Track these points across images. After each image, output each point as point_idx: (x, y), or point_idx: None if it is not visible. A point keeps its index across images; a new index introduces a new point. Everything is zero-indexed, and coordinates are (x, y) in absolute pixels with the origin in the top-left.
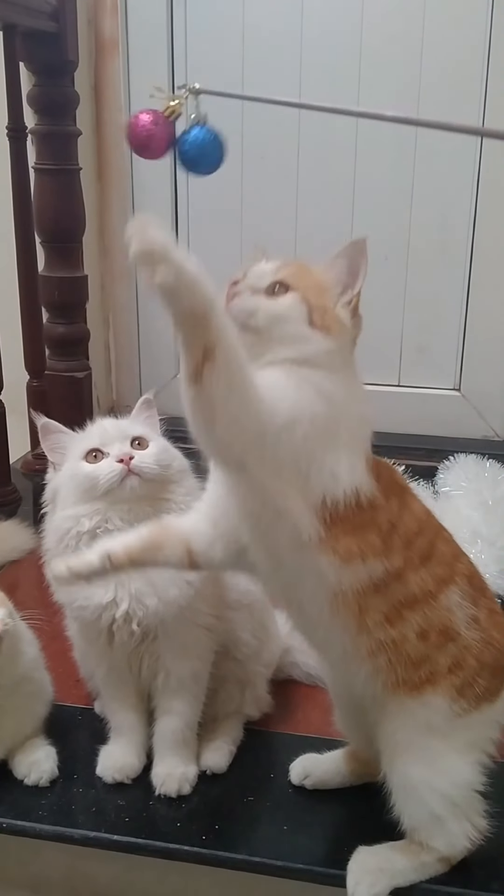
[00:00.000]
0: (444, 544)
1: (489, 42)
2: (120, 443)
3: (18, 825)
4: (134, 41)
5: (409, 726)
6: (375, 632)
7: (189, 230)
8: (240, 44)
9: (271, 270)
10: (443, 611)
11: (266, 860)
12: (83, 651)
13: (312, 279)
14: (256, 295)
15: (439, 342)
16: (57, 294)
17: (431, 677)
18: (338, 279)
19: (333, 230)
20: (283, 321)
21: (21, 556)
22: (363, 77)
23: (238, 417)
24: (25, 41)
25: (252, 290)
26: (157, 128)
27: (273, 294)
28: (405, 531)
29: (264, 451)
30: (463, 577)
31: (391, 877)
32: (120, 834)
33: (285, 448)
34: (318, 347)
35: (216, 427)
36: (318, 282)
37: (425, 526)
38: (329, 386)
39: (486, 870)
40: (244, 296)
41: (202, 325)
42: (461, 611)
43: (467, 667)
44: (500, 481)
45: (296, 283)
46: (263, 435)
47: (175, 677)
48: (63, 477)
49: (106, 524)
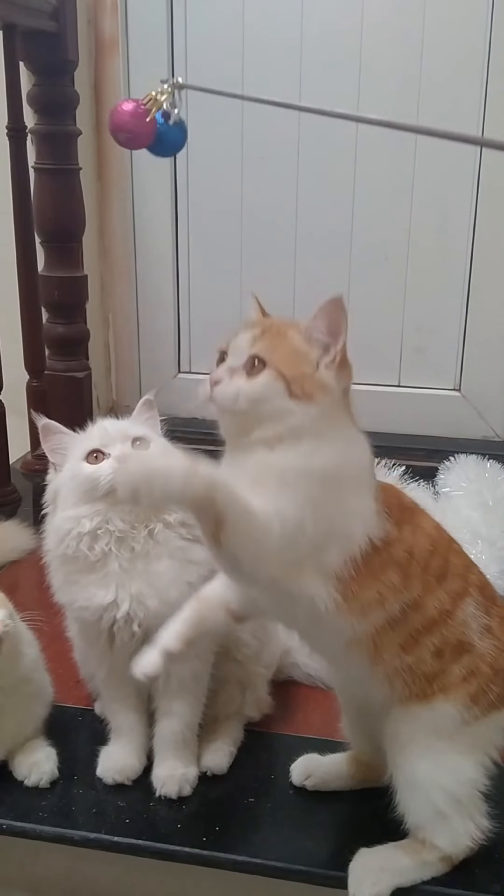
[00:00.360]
0: (456, 556)
1: (489, 43)
2: (121, 443)
3: (18, 826)
4: (134, 41)
5: (416, 728)
6: (391, 661)
7: (189, 230)
8: (240, 43)
9: (247, 344)
10: (458, 626)
11: (266, 862)
12: (83, 652)
13: (288, 347)
14: (236, 375)
15: (439, 342)
16: (57, 294)
17: (444, 687)
18: (317, 340)
19: (333, 230)
20: (264, 400)
21: (21, 557)
22: (363, 79)
23: (257, 553)
24: (25, 41)
25: (231, 371)
26: (135, 118)
27: (252, 371)
28: (421, 554)
29: (284, 558)
30: (475, 588)
31: (393, 875)
32: (120, 835)
33: (301, 545)
34: (302, 417)
35: (242, 567)
36: (294, 348)
37: (438, 542)
38: (320, 461)
39: (487, 871)
40: (224, 381)
41: (207, 505)
42: (475, 621)
43: (481, 674)
44: (500, 482)
45: (270, 356)
46: (281, 549)
47: (175, 678)
48: (64, 478)
49: (107, 525)
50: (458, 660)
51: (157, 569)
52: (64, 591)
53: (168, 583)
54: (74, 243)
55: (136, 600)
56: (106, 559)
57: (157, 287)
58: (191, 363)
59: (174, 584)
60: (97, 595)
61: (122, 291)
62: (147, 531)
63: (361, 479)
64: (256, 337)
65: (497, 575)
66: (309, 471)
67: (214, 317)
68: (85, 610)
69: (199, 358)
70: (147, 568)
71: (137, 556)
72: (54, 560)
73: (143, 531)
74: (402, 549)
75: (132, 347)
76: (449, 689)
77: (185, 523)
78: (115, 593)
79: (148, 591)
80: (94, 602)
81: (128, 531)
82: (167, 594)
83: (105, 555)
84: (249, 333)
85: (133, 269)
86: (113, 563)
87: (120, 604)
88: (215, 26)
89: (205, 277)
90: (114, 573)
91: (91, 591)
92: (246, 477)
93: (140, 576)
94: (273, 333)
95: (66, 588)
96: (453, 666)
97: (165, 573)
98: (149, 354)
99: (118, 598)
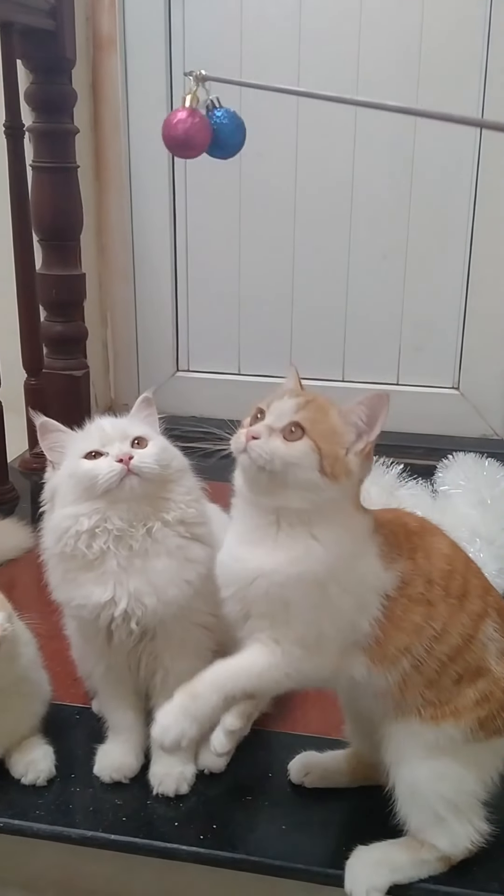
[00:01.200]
0: (475, 577)
1: (488, 31)
2: (120, 442)
3: (15, 824)
4: (132, 38)
5: (420, 743)
6: (412, 700)
7: (187, 227)
8: (237, 41)
9: (291, 409)
10: (478, 650)
11: (264, 860)
12: (81, 650)
13: (328, 423)
14: (273, 435)
15: (438, 340)
16: (55, 292)
17: (456, 711)
18: (354, 425)
19: (331, 227)
20: (296, 467)
21: (19, 555)
22: (361, 75)
23: (304, 681)
24: (23, 39)
25: (269, 430)
26: (195, 122)
27: (290, 435)
28: (440, 576)
29: (320, 663)
30: (494, 610)
31: (390, 871)
32: (117, 833)
33: (329, 645)
34: (324, 495)
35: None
36: (333, 427)
37: (454, 560)
38: (325, 561)
39: (485, 870)
40: (262, 438)
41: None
42: (493, 644)
43: (494, 699)
44: (498, 480)
45: (311, 427)
46: (315, 664)
47: (173, 676)
48: (62, 476)
49: (105, 523)
50: (474, 684)
51: (156, 567)
52: (62, 589)
53: (166, 581)
54: (72, 241)
55: (133, 598)
56: (104, 557)
57: (156, 285)
58: (189, 362)
59: (172, 581)
60: (95, 593)
61: (120, 290)
62: (145, 529)
63: (364, 551)
64: (301, 405)
65: (496, 573)
66: (315, 578)
67: (212, 315)
68: (83, 608)
69: (198, 356)
70: (145, 566)
71: (135, 554)
72: (52, 558)
73: (141, 529)
74: (420, 582)
75: (130, 346)
76: (461, 714)
77: (184, 522)
78: (113, 591)
79: (146, 589)
80: (91, 600)
81: (126, 530)
82: (165, 592)
83: (103, 553)
84: (294, 401)
85: (131, 267)
86: (111, 561)
87: (118, 601)
88: (213, 23)
89: (203, 276)
90: (112, 571)
91: (89, 588)
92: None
93: (138, 574)
94: (316, 407)
95: (63, 586)
96: (468, 690)
97: (164, 571)
98: (147, 353)
99: (116, 595)
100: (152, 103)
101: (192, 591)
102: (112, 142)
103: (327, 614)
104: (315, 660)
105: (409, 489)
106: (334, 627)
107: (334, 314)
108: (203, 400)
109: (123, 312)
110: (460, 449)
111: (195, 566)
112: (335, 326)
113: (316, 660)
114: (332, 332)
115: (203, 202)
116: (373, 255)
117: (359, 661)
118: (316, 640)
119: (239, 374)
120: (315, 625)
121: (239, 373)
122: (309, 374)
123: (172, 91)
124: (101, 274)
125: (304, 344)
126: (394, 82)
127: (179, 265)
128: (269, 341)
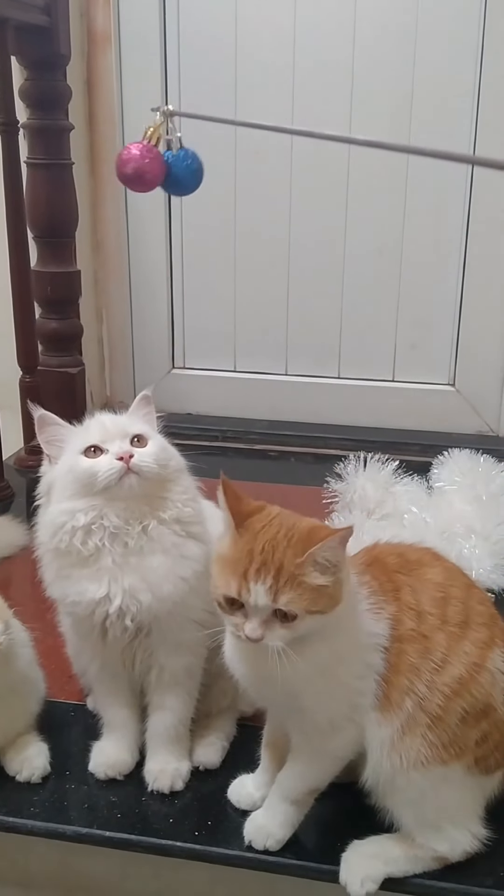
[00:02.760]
0: (480, 604)
1: (481, 58)
2: (120, 440)
3: (10, 822)
4: (126, 35)
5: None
6: (413, 746)
7: (182, 224)
8: (233, 37)
9: (267, 600)
10: (487, 683)
11: (259, 856)
12: (76, 647)
13: (305, 587)
14: (271, 626)
15: (433, 337)
16: (50, 289)
17: (460, 752)
18: (322, 565)
19: (327, 224)
20: (309, 634)
21: (14, 553)
22: (357, 71)
23: (342, 758)
24: (17, 35)
25: (264, 624)
26: (146, 161)
27: (286, 620)
28: (432, 604)
29: (350, 736)
30: (502, 639)
31: (385, 863)
32: (112, 830)
33: (347, 714)
34: (335, 616)
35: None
36: (310, 586)
37: (448, 587)
38: (337, 648)
39: (480, 865)
40: (267, 636)
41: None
42: (501, 680)
43: (492, 741)
44: (494, 476)
45: (298, 606)
46: (345, 738)
47: (168, 673)
48: (60, 470)
49: (101, 520)
50: (478, 725)
51: (151, 564)
52: (56, 586)
53: (161, 577)
54: (67, 238)
55: (128, 595)
56: (99, 554)
57: (151, 282)
58: (185, 359)
59: (167, 578)
60: (89, 589)
61: (115, 286)
62: (141, 527)
63: (358, 618)
64: (276, 589)
65: (491, 569)
66: (325, 669)
67: (208, 312)
68: (77, 604)
69: (193, 354)
70: (140, 563)
71: (131, 551)
72: (47, 554)
73: (137, 527)
74: (408, 618)
75: (126, 343)
76: (463, 755)
77: (180, 520)
78: (108, 588)
79: (140, 586)
80: (86, 596)
81: (122, 527)
82: (160, 589)
83: (98, 550)
84: (263, 587)
85: (126, 264)
86: (106, 558)
87: (112, 598)
88: (208, 20)
89: (198, 272)
90: (107, 568)
91: (83, 585)
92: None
93: (133, 570)
94: (288, 577)
95: (58, 582)
96: (471, 731)
97: (159, 568)
98: (143, 350)
99: (111, 592)
100: (147, 99)
101: (187, 588)
102: (107, 138)
103: (335, 693)
104: (341, 735)
105: (405, 486)
106: (348, 696)
107: (330, 311)
108: (199, 397)
109: (119, 309)
110: (456, 445)
111: (190, 563)
112: (331, 323)
113: (342, 735)
114: (328, 329)
115: (198, 199)
116: (368, 251)
117: (371, 719)
118: (330, 723)
119: (235, 371)
120: (326, 709)
121: (235, 370)
122: (304, 371)
123: (167, 87)
124: (97, 271)
125: (300, 341)
126: (389, 87)
127: (175, 262)
128: (265, 339)
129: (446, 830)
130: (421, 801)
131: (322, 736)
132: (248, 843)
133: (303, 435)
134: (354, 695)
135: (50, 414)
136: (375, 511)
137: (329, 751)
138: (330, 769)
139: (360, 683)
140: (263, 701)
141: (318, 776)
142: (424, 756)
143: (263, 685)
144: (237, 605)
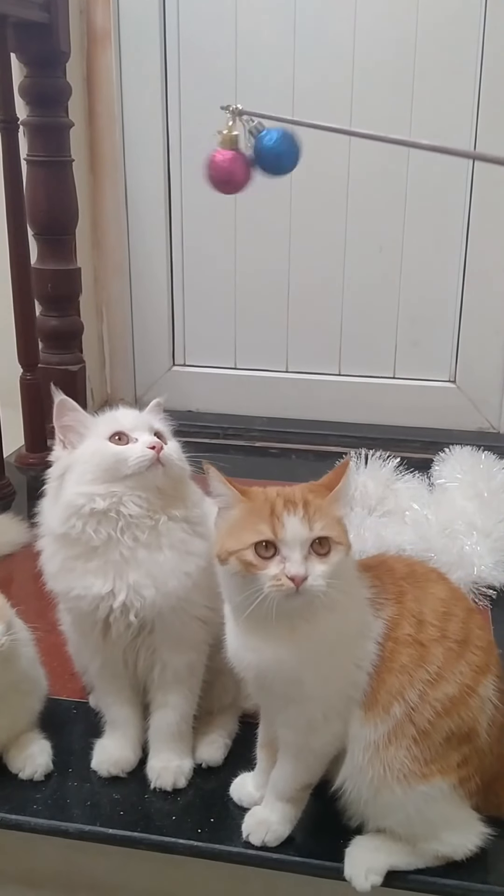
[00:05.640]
0: (480, 628)
1: (482, 48)
2: (147, 432)
3: (13, 819)
4: (126, 32)
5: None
6: (398, 757)
7: (182, 221)
8: (233, 34)
9: (304, 529)
10: (475, 709)
11: (261, 853)
12: (77, 645)
13: (330, 512)
14: (309, 559)
15: (434, 334)
16: (50, 287)
17: (442, 771)
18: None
19: (328, 221)
20: (339, 574)
21: (15, 550)
22: (357, 71)
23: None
24: (17, 32)
25: (303, 559)
26: (235, 163)
27: (321, 549)
28: (434, 617)
29: (337, 728)
30: (496, 668)
31: (388, 855)
32: (115, 828)
33: (339, 703)
34: (347, 569)
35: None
36: (335, 517)
37: (452, 605)
38: (343, 630)
39: (482, 862)
40: (303, 569)
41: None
42: (489, 709)
43: (472, 765)
44: (494, 473)
45: (332, 532)
46: (334, 732)
47: (171, 670)
48: (83, 454)
49: (119, 507)
50: (460, 748)
51: (157, 559)
52: (60, 578)
53: (166, 573)
54: (67, 235)
55: (133, 590)
56: (107, 546)
57: (151, 279)
58: (185, 356)
59: (172, 573)
60: (95, 584)
61: (115, 284)
62: (153, 521)
63: (362, 603)
64: (309, 518)
65: (492, 566)
66: (331, 651)
67: (209, 309)
68: (82, 598)
69: (194, 351)
70: (148, 557)
71: (140, 544)
72: (53, 542)
73: (150, 520)
74: (408, 623)
75: (126, 340)
76: (445, 774)
77: (189, 520)
78: (112, 583)
79: (145, 581)
80: (92, 591)
81: (137, 518)
82: (164, 584)
83: (108, 540)
84: (296, 518)
85: (126, 261)
86: (114, 551)
87: (117, 593)
88: (208, 17)
89: (199, 270)
90: (113, 561)
91: (89, 579)
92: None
93: (140, 565)
94: (315, 507)
95: (62, 574)
96: (453, 753)
97: (165, 563)
98: (143, 347)
99: (115, 587)
100: (147, 96)
101: (190, 584)
102: (107, 135)
103: (337, 678)
104: (328, 730)
105: (406, 483)
106: (341, 693)
107: (330, 308)
108: (199, 394)
109: (119, 307)
110: (457, 442)
111: (195, 559)
112: (331, 320)
113: (330, 729)
114: (329, 326)
115: (199, 196)
116: (369, 248)
117: (355, 716)
118: (324, 715)
119: (235, 368)
120: (325, 698)
121: (235, 367)
122: (305, 368)
123: (167, 84)
124: (97, 268)
125: (301, 338)
126: (390, 82)
127: (175, 259)
128: (266, 336)
129: (445, 837)
130: (407, 822)
131: (309, 733)
132: (247, 837)
133: (304, 432)
134: (349, 686)
135: (70, 399)
136: (377, 508)
137: (314, 748)
138: (315, 766)
139: (357, 674)
140: (262, 694)
141: (306, 773)
142: (408, 769)
143: (267, 674)
144: (269, 554)
